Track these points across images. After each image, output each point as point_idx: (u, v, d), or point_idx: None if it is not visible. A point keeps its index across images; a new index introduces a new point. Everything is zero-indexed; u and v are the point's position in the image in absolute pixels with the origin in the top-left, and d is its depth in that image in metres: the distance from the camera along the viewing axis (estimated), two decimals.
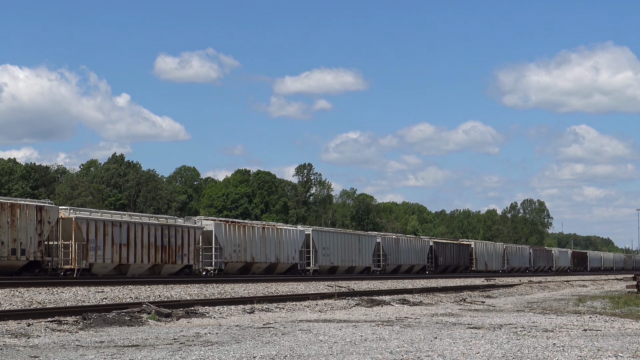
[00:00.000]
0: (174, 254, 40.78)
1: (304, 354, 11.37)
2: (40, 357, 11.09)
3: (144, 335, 14.27)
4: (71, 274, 35.29)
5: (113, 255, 37.10)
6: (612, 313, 22.30)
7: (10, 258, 32.59)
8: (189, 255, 41.79)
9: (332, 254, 54.60)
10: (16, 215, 32.93)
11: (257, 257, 47.00)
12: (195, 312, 19.49)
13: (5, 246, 32.26)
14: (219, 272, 43.58)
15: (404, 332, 14.93)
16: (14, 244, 32.67)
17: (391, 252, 62.84)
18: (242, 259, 45.74)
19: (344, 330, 15.24)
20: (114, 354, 11.26)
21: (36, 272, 34.12)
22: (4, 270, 32.80)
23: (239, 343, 12.76)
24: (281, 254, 49.01)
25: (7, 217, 32.52)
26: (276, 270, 49.34)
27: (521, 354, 11.38)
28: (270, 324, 16.66)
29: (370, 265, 59.84)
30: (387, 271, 61.94)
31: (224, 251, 44.22)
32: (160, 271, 40.49)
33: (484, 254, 79.21)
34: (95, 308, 18.72)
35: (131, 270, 38.68)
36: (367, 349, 11.96)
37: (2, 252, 32.10)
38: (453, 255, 73.18)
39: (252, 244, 46.40)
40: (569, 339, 13.86)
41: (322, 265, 53.61)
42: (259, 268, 47.85)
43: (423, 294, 31.09)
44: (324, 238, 53.98)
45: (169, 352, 11.41)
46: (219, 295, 26.97)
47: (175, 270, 41.48)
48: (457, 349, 11.93)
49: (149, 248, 39.15)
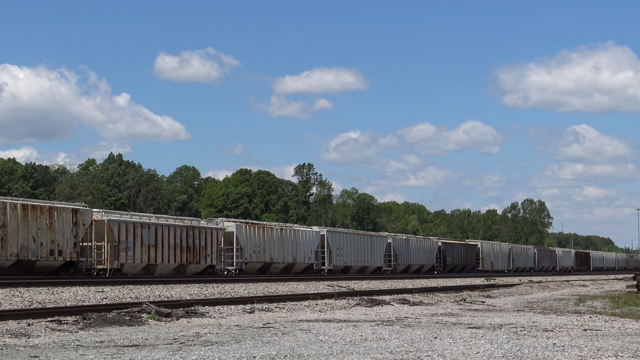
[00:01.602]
0: (198, 255, 42.32)
1: (304, 353, 11.37)
2: (40, 357, 11.08)
3: (144, 335, 14.26)
4: (104, 273, 36.71)
5: (142, 256, 38.66)
6: (612, 313, 22.29)
7: (48, 258, 34.21)
8: (212, 256, 43.31)
9: (345, 254, 56.03)
10: (54, 218, 34.53)
11: (276, 257, 48.51)
12: (195, 312, 19.49)
13: (44, 247, 33.95)
14: (239, 271, 45.07)
15: (404, 332, 14.93)
16: (52, 245, 34.31)
17: (401, 253, 64.29)
18: (262, 259, 47.20)
19: (344, 330, 15.24)
20: (114, 354, 11.25)
21: (71, 272, 35.52)
22: (42, 270, 34.32)
23: (239, 343, 12.76)
24: (298, 254, 50.53)
25: (46, 219, 34.16)
26: (293, 270, 50.61)
27: (521, 354, 11.38)
28: (270, 324, 16.66)
29: (381, 265, 61.14)
30: (398, 271, 63.23)
31: (245, 252, 45.68)
32: (185, 271, 41.89)
33: (490, 254, 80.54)
34: (95, 308, 18.72)
35: (158, 270, 40.08)
36: (367, 349, 11.96)
37: (41, 253, 33.83)
38: (460, 256, 74.54)
39: (270, 245, 47.92)
40: (569, 338, 13.86)
41: (336, 265, 54.98)
42: (277, 268, 49.22)
43: (423, 294, 31.08)
44: (338, 239, 55.47)
45: (169, 352, 11.41)
46: (219, 295, 26.96)
47: (199, 270, 42.86)
48: (457, 349, 11.93)
49: (175, 249, 40.78)
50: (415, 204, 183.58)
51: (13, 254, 32.69)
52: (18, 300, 20.86)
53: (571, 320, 18.78)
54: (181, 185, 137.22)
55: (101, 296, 23.43)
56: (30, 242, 33.38)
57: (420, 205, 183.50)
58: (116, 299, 23.03)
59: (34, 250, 33.50)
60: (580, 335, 14.71)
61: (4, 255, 32.34)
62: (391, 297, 27.76)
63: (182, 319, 18.31)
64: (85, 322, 16.19)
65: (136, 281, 30.37)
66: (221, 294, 27.19)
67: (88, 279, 31.87)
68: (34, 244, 33.53)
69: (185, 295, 25.75)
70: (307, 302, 24.18)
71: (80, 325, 15.70)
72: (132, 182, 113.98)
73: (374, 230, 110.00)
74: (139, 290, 26.07)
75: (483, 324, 17.30)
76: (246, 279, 37.32)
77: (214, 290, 28.57)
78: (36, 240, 33.61)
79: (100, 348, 12.13)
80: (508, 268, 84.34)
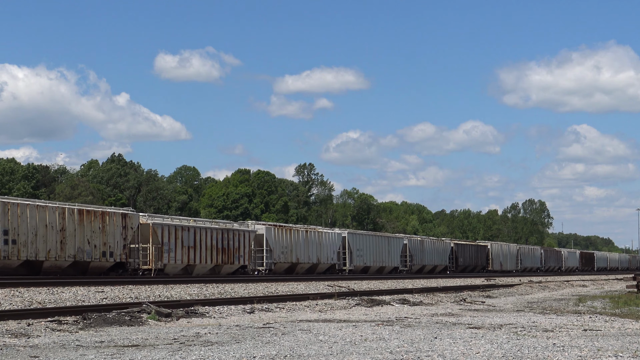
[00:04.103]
0: (232, 255, 44.83)
1: (304, 354, 11.38)
2: (40, 357, 11.09)
3: (144, 335, 14.27)
4: (148, 273, 39.00)
5: (182, 257, 41.08)
6: (612, 313, 22.30)
7: (101, 260, 36.81)
8: (244, 257, 45.90)
9: (365, 255, 58.53)
10: (106, 222, 37.18)
11: (302, 258, 51.22)
12: (195, 312, 19.49)
13: (97, 249, 36.58)
14: (269, 271, 47.56)
15: (404, 332, 14.93)
16: (104, 247, 36.93)
17: (417, 253, 66.77)
18: (289, 260, 49.78)
19: (344, 330, 15.24)
20: (114, 354, 11.26)
21: (120, 272, 37.96)
22: (95, 270, 36.88)
23: (239, 343, 12.76)
24: (322, 255, 53.35)
25: (99, 223, 36.78)
26: (317, 269, 53.18)
27: (521, 354, 11.38)
28: (270, 324, 16.66)
29: (398, 265, 63.65)
30: (413, 271, 65.55)
31: (274, 253, 48.30)
32: (219, 271, 44.13)
33: (499, 254, 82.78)
34: (95, 308, 18.71)
35: (196, 270, 42.41)
36: (367, 349, 11.96)
37: (94, 255, 36.40)
38: (472, 256, 77.05)
39: (297, 246, 50.63)
40: (569, 339, 13.86)
41: (357, 265, 57.36)
42: (302, 268, 51.75)
43: (423, 294, 31.07)
44: (358, 240, 58.06)
45: (169, 352, 11.41)
46: (219, 295, 26.96)
47: (233, 269, 45.25)
48: (457, 349, 11.94)
49: (211, 250, 43.18)
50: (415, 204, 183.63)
51: (70, 255, 35.18)
52: (18, 300, 20.86)
53: (571, 321, 18.78)
54: (181, 185, 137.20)
55: (101, 296, 23.43)
56: (85, 245, 35.94)
57: (420, 206, 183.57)
58: (116, 299, 23.03)
59: (88, 252, 36.07)
60: (580, 335, 14.71)
61: (63, 257, 34.87)
62: (391, 297, 27.76)
63: (182, 319, 18.31)
64: (85, 322, 16.20)
65: (136, 281, 30.40)
66: (221, 294, 27.19)
67: (89, 279, 31.92)
68: (89, 246, 36.12)
69: (185, 296, 25.75)
70: (307, 302, 24.18)
71: (80, 326, 15.71)
72: (133, 182, 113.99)
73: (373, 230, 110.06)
74: (139, 290, 26.06)
75: (483, 324, 17.30)
76: (246, 279, 37.40)
77: (214, 290, 28.57)
78: (90, 242, 36.19)
79: (100, 348, 12.13)
80: (516, 268, 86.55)
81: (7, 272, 32.90)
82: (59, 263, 34.90)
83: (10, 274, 32.62)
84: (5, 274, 32.45)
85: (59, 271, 34.94)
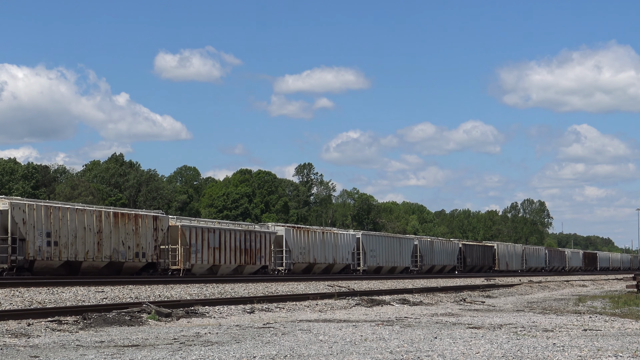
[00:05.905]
0: (254, 256, 46.78)
1: (304, 353, 11.38)
2: (40, 357, 11.09)
3: (144, 335, 14.27)
4: (177, 273, 40.82)
5: (209, 257, 42.89)
6: (612, 313, 22.30)
7: (134, 260, 38.58)
8: (265, 257, 47.76)
9: (378, 256, 60.33)
10: (139, 224, 38.92)
11: (318, 258, 53.07)
12: (195, 312, 19.49)
13: (130, 250, 38.34)
14: (288, 271, 49.42)
15: (404, 332, 14.93)
16: (137, 248, 38.73)
17: (427, 254, 68.49)
18: (307, 260, 51.66)
19: (344, 330, 15.24)
20: (114, 354, 11.26)
21: (150, 272, 39.57)
22: (128, 270, 38.58)
23: (239, 343, 12.77)
24: (337, 256, 55.27)
25: (132, 226, 38.52)
26: (333, 269, 55.09)
27: (521, 354, 11.39)
28: (270, 324, 16.67)
29: (409, 266, 65.36)
30: (423, 271, 67.13)
31: (292, 253, 50.22)
32: (242, 271, 46.07)
33: (505, 254, 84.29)
34: (95, 308, 18.72)
35: (221, 270, 44.19)
36: (367, 349, 11.96)
37: (128, 255, 38.16)
38: (479, 256, 78.78)
39: (314, 247, 52.56)
40: (569, 338, 13.87)
41: (370, 266, 59.22)
42: (319, 268, 53.57)
43: (423, 294, 31.07)
44: (371, 241, 59.88)
45: (169, 352, 11.41)
46: (219, 295, 26.96)
47: (255, 269, 47.09)
48: (457, 349, 11.94)
49: (235, 251, 45.13)
50: (415, 204, 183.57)
51: (107, 256, 36.96)
52: (18, 300, 20.86)
53: (571, 321, 18.79)
54: (181, 185, 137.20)
55: (101, 296, 23.43)
56: (120, 246, 37.71)
57: (420, 205, 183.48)
58: (116, 299, 23.03)
59: (123, 253, 37.82)
60: (580, 335, 14.71)
61: (100, 258, 36.63)
62: (391, 297, 27.76)
63: (182, 319, 18.31)
64: (85, 322, 16.20)
65: (136, 281, 30.41)
66: (221, 294, 27.19)
67: (89, 279, 31.93)
68: (123, 247, 37.89)
69: (185, 295, 25.76)
70: (307, 302, 24.17)
71: (81, 325, 15.71)
72: (132, 182, 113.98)
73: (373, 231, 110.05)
74: (139, 290, 26.07)
75: (483, 324, 17.31)
76: (246, 279, 37.42)
77: (214, 290, 28.57)
78: (125, 244, 37.95)
79: (100, 348, 12.14)
80: (521, 268, 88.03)
81: (49, 272, 34.48)
82: (96, 263, 36.53)
83: (51, 274, 34.19)
84: (47, 273, 34.14)
85: (95, 271, 36.61)
